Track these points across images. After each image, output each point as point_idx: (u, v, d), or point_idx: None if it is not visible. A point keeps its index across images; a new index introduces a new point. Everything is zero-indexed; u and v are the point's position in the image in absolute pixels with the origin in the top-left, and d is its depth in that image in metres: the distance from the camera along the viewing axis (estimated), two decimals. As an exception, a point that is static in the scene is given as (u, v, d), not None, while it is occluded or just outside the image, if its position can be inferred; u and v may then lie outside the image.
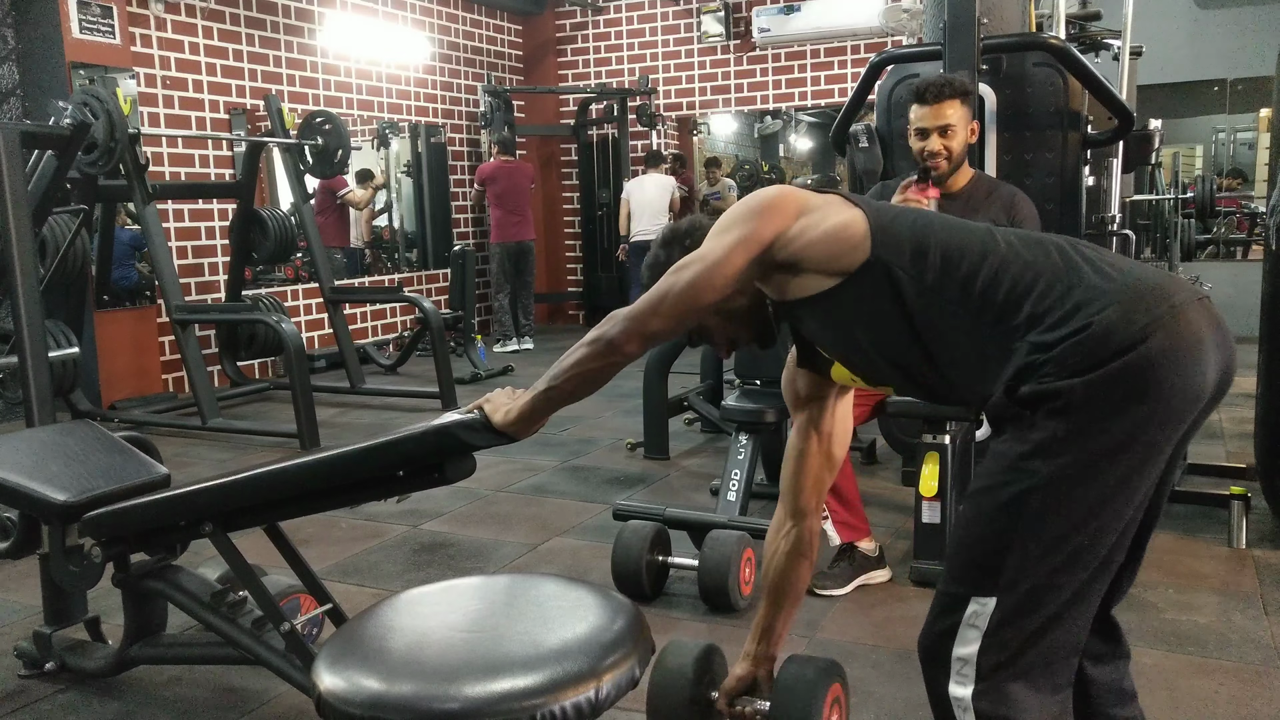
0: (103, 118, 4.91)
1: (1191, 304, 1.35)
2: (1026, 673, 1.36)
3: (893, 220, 1.52)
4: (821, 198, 1.54)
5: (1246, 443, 4.36)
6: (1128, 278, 1.38)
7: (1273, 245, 3.35)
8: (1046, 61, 3.55)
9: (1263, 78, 7.48)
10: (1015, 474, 1.36)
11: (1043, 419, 1.34)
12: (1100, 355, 1.31)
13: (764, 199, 1.54)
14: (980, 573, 1.38)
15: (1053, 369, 1.34)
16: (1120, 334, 1.31)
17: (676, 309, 1.49)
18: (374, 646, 1.42)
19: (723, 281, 1.49)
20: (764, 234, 1.49)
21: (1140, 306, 1.32)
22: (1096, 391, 1.31)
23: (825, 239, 1.49)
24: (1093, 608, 1.40)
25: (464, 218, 9.33)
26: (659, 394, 4.72)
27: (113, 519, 2.19)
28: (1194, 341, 1.33)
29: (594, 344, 1.52)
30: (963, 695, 1.36)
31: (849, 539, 3.04)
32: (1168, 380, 1.30)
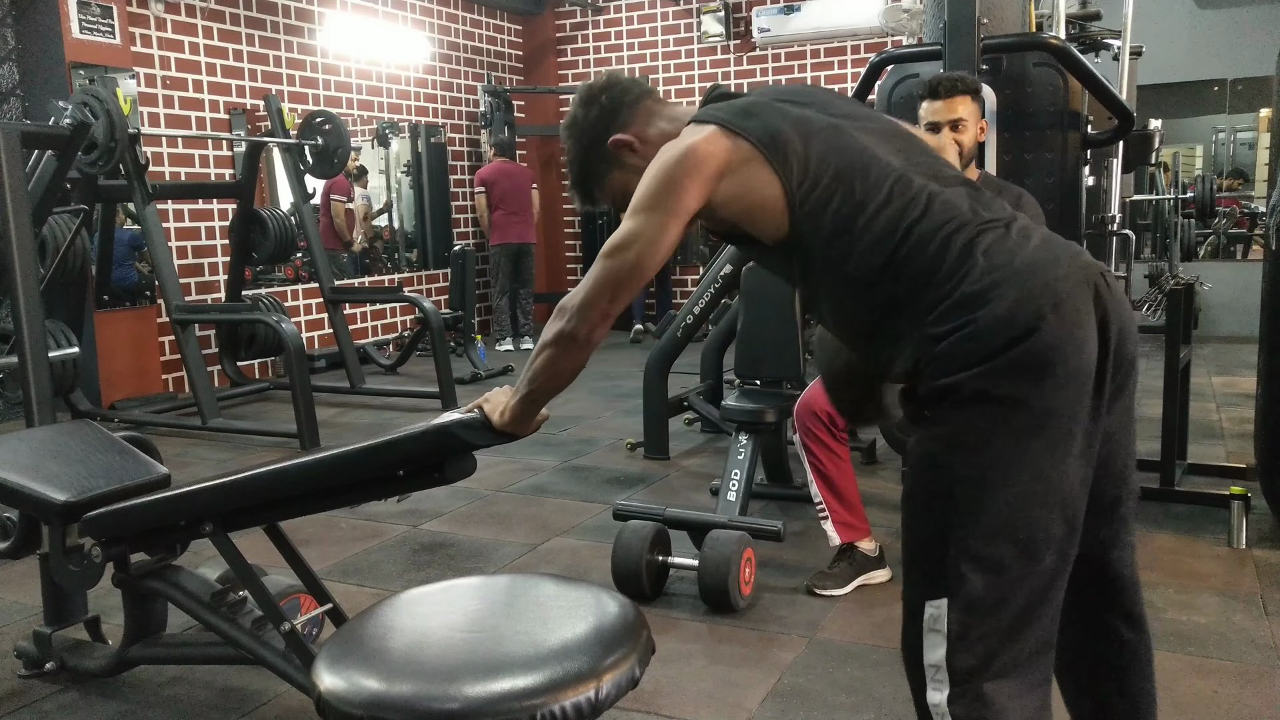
0: (103, 118, 4.91)
1: (1078, 288, 1.35)
2: (1002, 674, 1.34)
3: (818, 198, 1.45)
4: (741, 153, 1.47)
5: (1246, 443, 4.36)
6: (1017, 262, 1.37)
7: (1273, 245, 3.35)
8: (1046, 61, 3.55)
9: (1263, 78, 7.49)
10: (933, 472, 1.37)
11: (946, 413, 1.35)
12: (986, 349, 1.32)
13: (682, 160, 1.48)
14: (925, 576, 1.38)
15: (944, 363, 1.35)
16: (1004, 328, 1.32)
17: (627, 288, 1.51)
18: (374, 646, 1.42)
19: (663, 255, 1.51)
20: (690, 203, 1.48)
21: (1025, 298, 1.33)
22: (989, 381, 1.32)
23: (746, 213, 1.50)
24: (1057, 604, 1.38)
25: (464, 218, 9.33)
26: (659, 394, 4.72)
27: (113, 519, 2.19)
28: (1074, 323, 1.33)
29: (557, 343, 1.53)
30: (939, 700, 1.35)
31: (849, 539, 3.04)
32: (1056, 363, 1.31)
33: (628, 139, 1.63)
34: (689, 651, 2.65)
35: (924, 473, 1.39)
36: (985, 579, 1.33)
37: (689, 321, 4.76)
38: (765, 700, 2.38)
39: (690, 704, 2.36)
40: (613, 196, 1.69)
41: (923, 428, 1.40)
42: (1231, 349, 7.36)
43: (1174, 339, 3.57)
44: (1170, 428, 3.61)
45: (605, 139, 1.64)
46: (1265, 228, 3.47)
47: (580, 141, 1.67)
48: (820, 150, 1.47)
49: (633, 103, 1.66)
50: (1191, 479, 3.89)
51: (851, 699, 2.37)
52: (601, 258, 1.52)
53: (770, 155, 1.46)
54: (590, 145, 1.66)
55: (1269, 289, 3.38)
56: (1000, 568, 1.33)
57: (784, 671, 2.52)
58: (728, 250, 4.68)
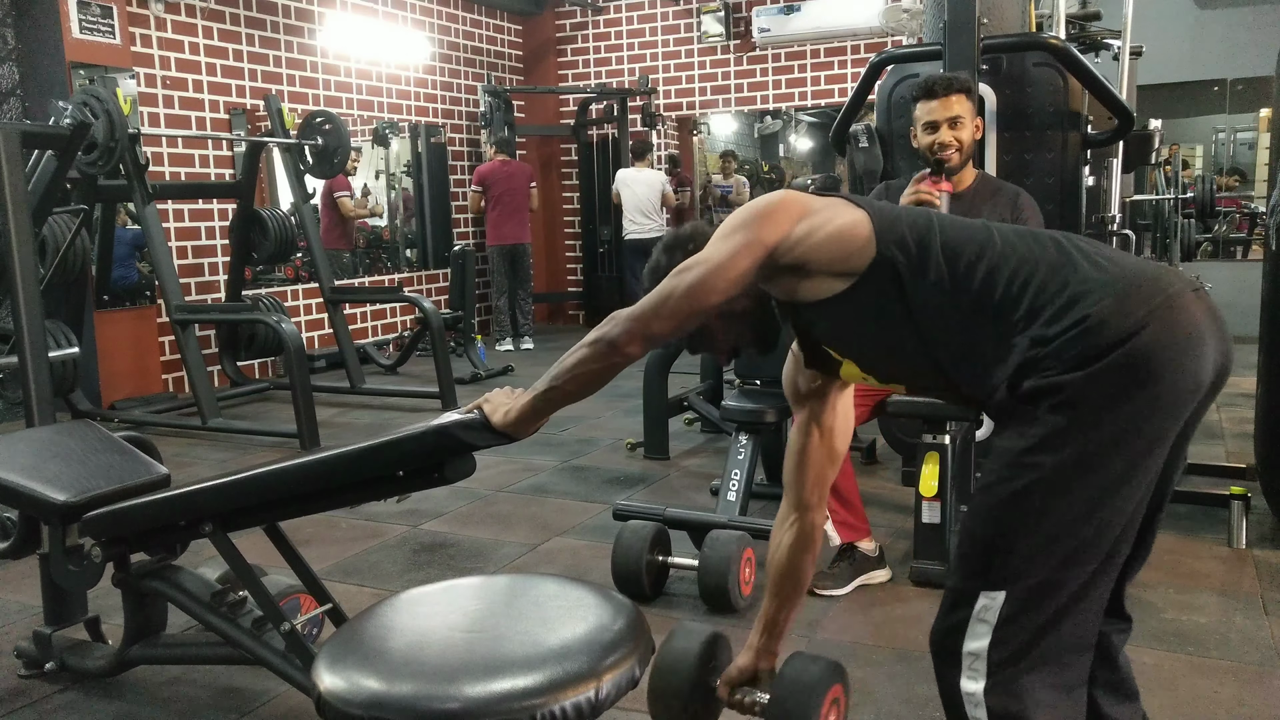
0: (103, 118, 4.91)
1: (1186, 294, 1.36)
2: (1037, 667, 1.36)
3: (895, 219, 1.52)
4: (823, 200, 1.55)
5: (1246, 443, 4.36)
6: (1123, 269, 1.39)
7: (1273, 245, 3.35)
8: (1046, 61, 3.55)
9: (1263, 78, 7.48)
10: (1019, 469, 1.38)
11: (1044, 414, 1.36)
12: (1098, 348, 1.32)
13: (767, 203, 1.54)
14: (989, 567, 1.39)
15: (1052, 363, 1.35)
16: (1117, 325, 1.32)
17: (679, 311, 1.50)
18: (374, 646, 1.42)
19: (725, 285, 1.49)
20: (768, 238, 1.49)
21: (1136, 298, 1.34)
22: (1096, 384, 1.32)
23: (830, 241, 1.50)
24: (1102, 601, 1.41)
25: (464, 218, 9.32)
26: (659, 394, 4.72)
27: (113, 519, 2.19)
28: (1191, 331, 1.34)
29: (595, 345, 1.53)
30: (974, 690, 1.37)
31: (849, 539, 3.04)
32: (1166, 370, 1.32)
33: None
34: (689, 651, 2.64)
35: (1006, 467, 1.40)
36: (1044, 576, 1.36)
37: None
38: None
39: (690, 704, 2.36)
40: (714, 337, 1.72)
41: (1013, 424, 1.40)
42: (1231, 348, 7.35)
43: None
44: (1170, 428, 3.60)
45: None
46: (1265, 228, 3.47)
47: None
48: (900, 206, 1.60)
49: None
50: (1191, 479, 3.89)
51: (851, 699, 2.37)
52: (668, 277, 1.53)
53: (852, 199, 1.55)
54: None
55: (1269, 289, 3.38)
56: (1060, 566, 1.36)
57: (784, 671, 2.52)
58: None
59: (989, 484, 1.43)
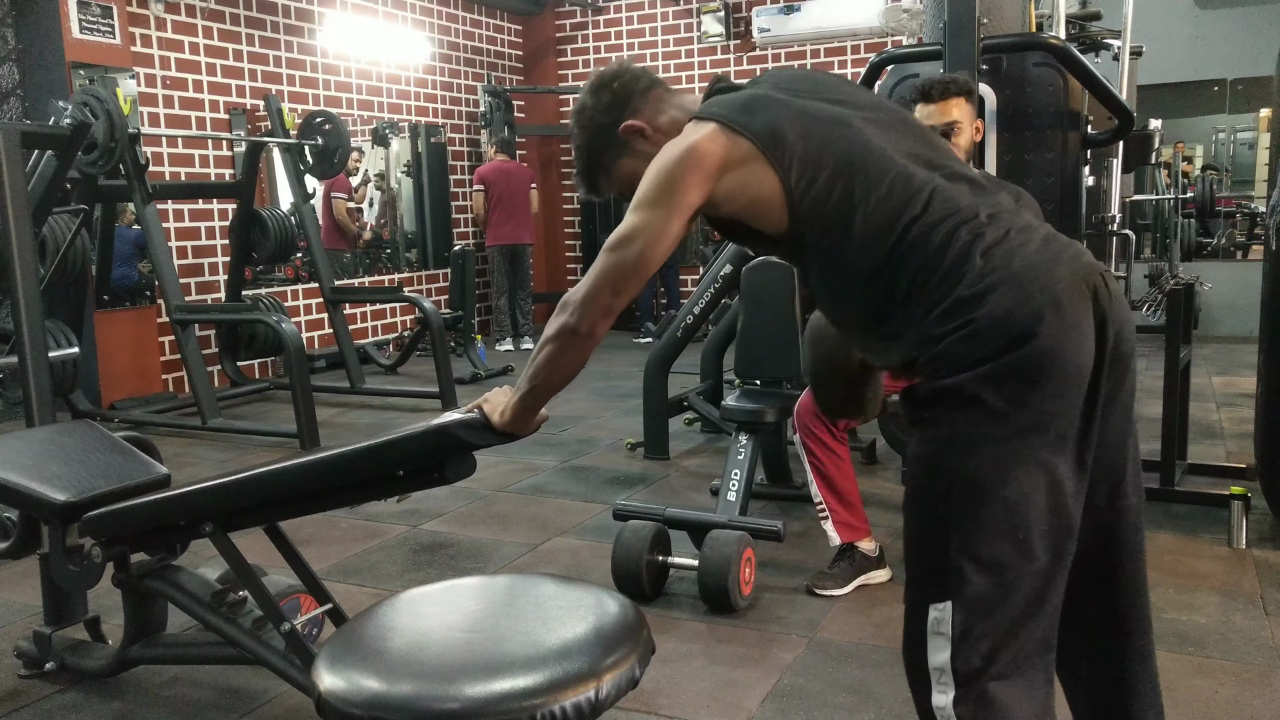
0: (103, 118, 4.91)
1: (1077, 290, 1.35)
2: (1005, 675, 1.34)
3: (818, 194, 1.46)
4: (740, 149, 1.47)
5: (1246, 443, 4.36)
6: (1014, 266, 1.36)
7: (1273, 245, 3.35)
8: (1046, 61, 3.55)
9: (1263, 78, 7.49)
10: (933, 474, 1.37)
11: (943, 415, 1.36)
12: (984, 350, 1.32)
13: (682, 158, 1.48)
14: (928, 578, 1.38)
15: (941, 364, 1.35)
16: (1003, 330, 1.32)
17: (630, 282, 1.52)
18: (374, 646, 1.42)
19: (665, 249, 1.51)
20: (692, 199, 1.48)
21: (1024, 300, 1.33)
22: (987, 383, 1.32)
23: (748, 207, 1.50)
24: (1057, 602, 1.38)
25: (464, 218, 9.32)
26: (659, 394, 4.72)
27: (113, 519, 2.19)
28: (1072, 325, 1.34)
29: (559, 338, 1.54)
30: (944, 703, 1.35)
31: (849, 539, 3.04)
32: (1053, 363, 1.32)
33: (639, 125, 1.63)
34: (689, 651, 2.65)
35: (922, 475, 1.40)
36: (986, 580, 1.33)
37: (689, 321, 4.76)
38: (765, 700, 2.38)
39: (690, 704, 2.36)
40: (621, 184, 1.68)
41: (921, 429, 1.40)
42: (1231, 349, 7.36)
43: (1174, 339, 3.57)
44: (1170, 428, 3.61)
45: (616, 125, 1.64)
46: (1265, 228, 3.47)
47: (589, 128, 1.67)
48: (819, 144, 1.47)
49: (644, 90, 1.65)
50: (1191, 479, 3.89)
51: (851, 699, 2.37)
52: (604, 252, 1.52)
53: (769, 153, 1.46)
54: (599, 132, 1.66)
55: (1269, 289, 3.38)
56: (1000, 568, 1.33)
57: (784, 671, 2.52)
58: (728, 250, 4.68)
59: (910, 493, 1.42)
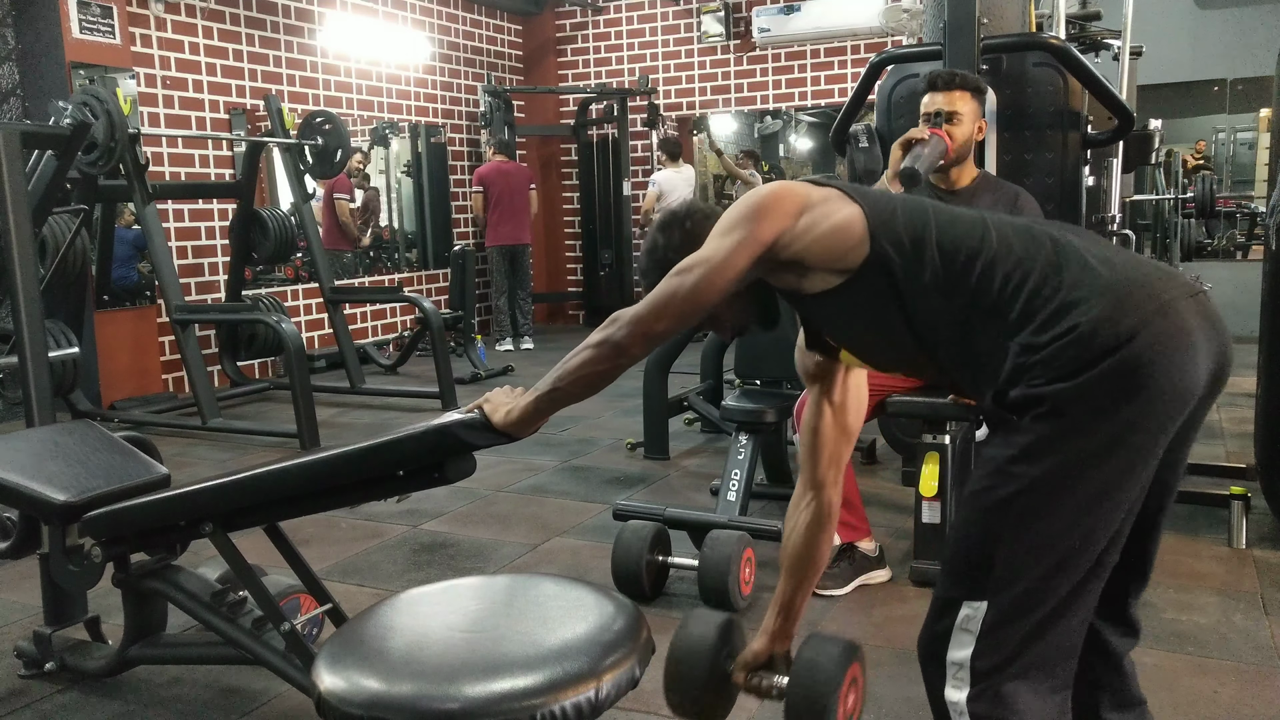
0: (103, 118, 4.91)
1: (1182, 300, 1.34)
2: (1022, 675, 1.35)
3: (891, 214, 1.50)
4: (821, 192, 1.53)
5: (1246, 443, 4.35)
6: (1117, 274, 1.36)
7: (1273, 245, 3.35)
8: (1046, 61, 3.55)
9: (1263, 78, 7.49)
10: (1002, 478, 1.37)
11: (1029, 423, 1.35)
12: (1087, 357, 1.30)
13: (764, 197, 1.52)
14: (971, 577, 1.39)
15: (1041, 371, 1.34)
16: (1107, 334, 1.30)
17: (681, 311, 1.50)
18: (374, 646, 1.42)
19: (725, 284, 1.49)
20: (765, 235, 1.48)
21: (1128, 305, 1.31)
22: (1083, 394, 1.31)
23: (826, 237, 1.49)
24: (1089, 610, 1.40)
25: (464, 218, 9.32)
26: (659, 394, 4.72)
27: (113, 519, 2.18)
28: (1183, 340, 1.31)
29: (599, 346, 1.53)
30: (958, 699, 1.36)
31: (849, 539, 3.04)
32: (1155, 380, 1.30)
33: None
34: (689, 651, 2.64)
35: (990, 476, 1.39)
36: (1027, 587, 1.34)
37: (689, 321, 4.75)
38: (762, 703, 2.37)
39: (690, 704, 2.36)
40: (718, 321, 1.71)
41: (1001, 432, 1.40)
42: (1232, 348, 7.35)
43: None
44: (1170, 428, 3.60)
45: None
46: (1265, 228, 3.46)
47: (662, 265, 1.61)
48: (893, 199, 1.55)
49: (712, 223, 1.64)
50: (1191, 479, 3.88)
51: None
52: (668, 276, 1.52)
53: (850, 192, 1.52)
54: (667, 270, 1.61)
55: (1269, 289, 3.38)
56: (1044, 577, 1.34)
57: (784, 671, 2.51)
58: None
59: (973, 492, 1.42)
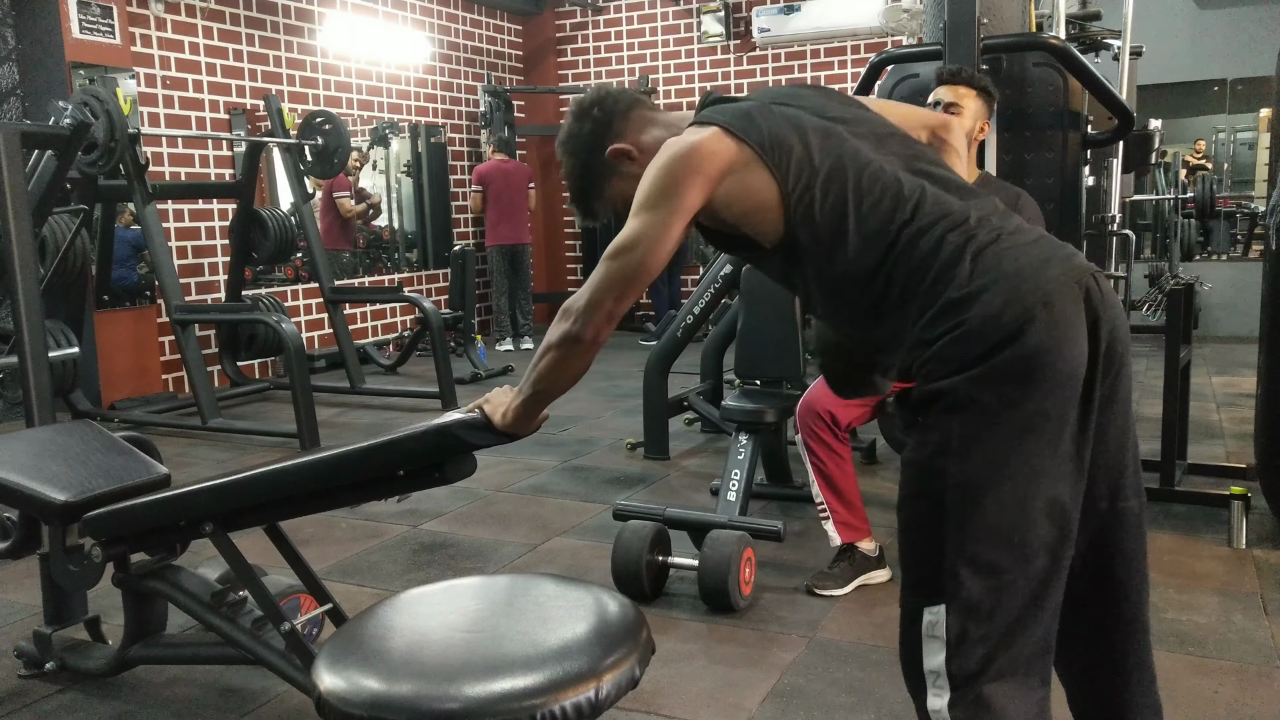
0: (103, 118, 4.91)
1: (1067, 289, 1.35)
2: (1000, 677, 1.34)
3: (814, 200, 1.46)
4: (743, 154, 1.48)
5: (1246, 443, 4.36)
6: (1008, 264, 1.37)
7: (1273, 245, 3.35)
8: (1046, 61, 3.55)
9: (1263, 78, 7.49)
10: (926, 477, 1.37)
11: (936, 419, 1.36)
12: (977, 350, 1.33)
13: (684, 160, 1.48)
14: (922, 582, 1.38)
15: (935, 366, 1.36)
16: (994, 329, 1.32)
17: (632, 287, 1.52)
18: (374, 646, 1.42)
19: (666, 253, 1.51)
20: (691, 203, 1.48)
21: (1015, 299, 1.33)
22: (980, 385, 1.33)
23: (744, 215, 1.50)
24: (1055, 604, 1.38)
25: (464, 218, 9.33)
26: (659, 394, 4.72)
27: (113, 519, 2.19)
28: (1065, 329, 1.34)
29: (562, 345, 1.54)
30: (939, 706, 1.36)
31: (849, 539, 3.04)
32: (1043, 365, 1.32)
33: (625, 147, 1.64)
34: (689, 651, 2.65)
35: (915, 478, 1.40)
36: (981, 583, 1.33)
37: (689, 321, 4.76)
38: (765, 700, 2.38)
39: (690, 704, 2.36)
40: (613, 206, 1.69)
41: (914, 433, 1.41)
42: (1231, 349, 7.36)
43: (1174, 339, 3.57)
44: (1170, 428, 3.61)
45: (603, 150, 1.65)
46: (1265, 228, 3.47)
47: (577, 155, 1.67)
48: (814, 153, 1.48)
49: (625, 111, 1.66)
50: (1191, 479, 3.89)
51: (851, 699, 2.37)
52: (605, 259, 1.52)
53: (769, 159, 1.47)
54: (587, 158, 1.66)
55: (1269, 289, 3.38)
56: (995, 571, 1.33)
57: (784, 671, 2.52)
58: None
59: (904, 498, 1.42)
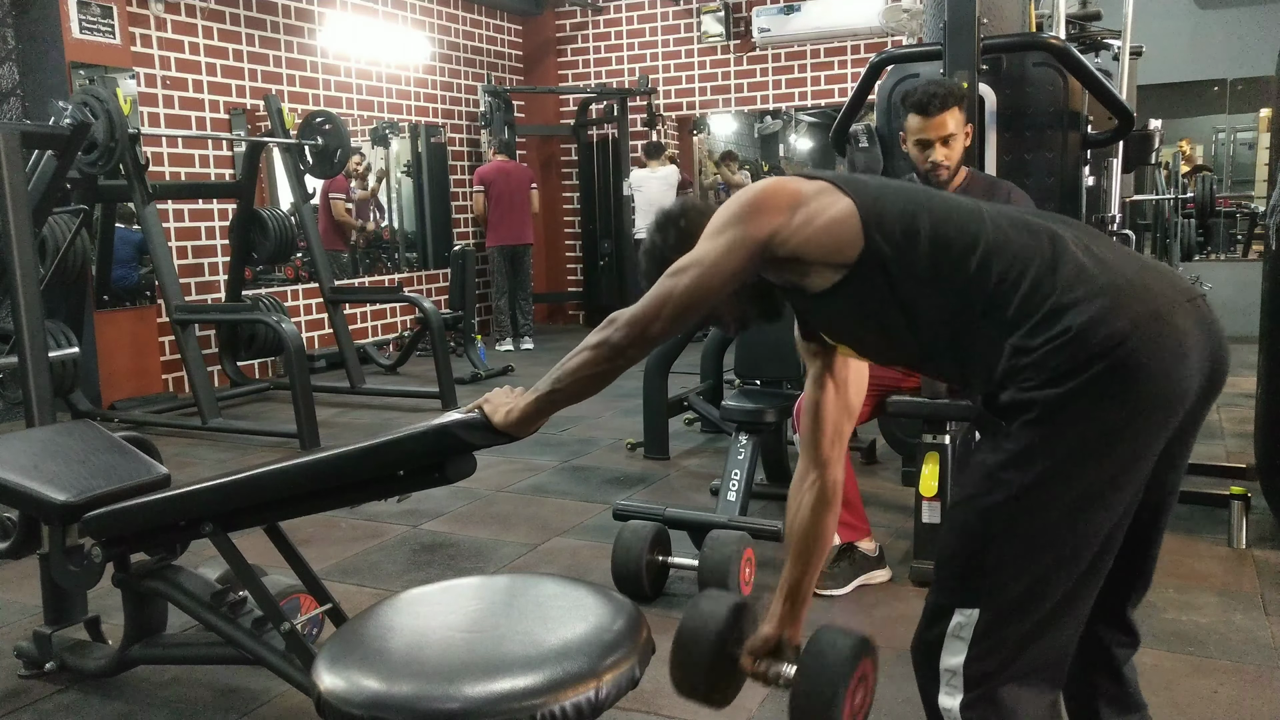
0: (103, 118, 4.91)
1: (1178, 305, 1.33)
2: (1016, 679, 1.35)
3: (883, 207, 1.47)
4: (814, 185, 1.50)
5: (1246, 443, 4.35)
6: (1113, 275, 1.34)
7: (1273, 245, 3.35)
8: (1046, 61, 3.55)
9: (1263, 78, 7.48)
10: (992, 485, 1.36)
11: (1018, 429, 1.34)
12: (1078, 361, 1.29)
13: (757, 194, 1.51)
14: (962, 584, 1.38)
15: (1031, 374, 1.32)
16: (1098, 338, 1.28)
17: (677, 313, 1.49)
18: (374, 646, 1.42)
19: (721, 283, 1.48)
20: (759, 233, 1.47)
21: (1121, 308, 1.30)
22: (1073, 401, 1.30)
23: (821, 233, 1.46)
24: (1083, 615, 1.39)
25: (464, 218, 9.32)
26: (659, 394, 4.72)
27: (113, 519, 2.19)
28: (1175, 345, 1.30)
29: (597, 348, 1.52)
30: (951, 706, 1.36)
31: (849, 539, 3.04)
32: (1145, 385, 1.29)
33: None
34: (689, 651, 2.64)
35: (981, 483, 1.38)
36: (1021, 593, 1.34)
37: (689, 321, 4.75)
38: (765, 700, 2.37)
39: (690, 704, 2.36)
40: (720, 316, 1.71)
41: (990, 437, 1.39)
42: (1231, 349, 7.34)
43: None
44: (1170, 428, 3.60)
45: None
46: (1265, 228, 3.46)
47: (660, 266, 1.60)
48: (888, 191, 1.51)
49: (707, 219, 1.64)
50: (1191, 479, 3.88)
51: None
52: (663, 277, 1.51)
53: (842, 186, 1.49)
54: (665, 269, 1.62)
55: (1269, 289, 3.38)
56: (1038, 583, 1.34)
57: (784, 671, 2.51)
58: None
59: (962, 499, 1.42)
